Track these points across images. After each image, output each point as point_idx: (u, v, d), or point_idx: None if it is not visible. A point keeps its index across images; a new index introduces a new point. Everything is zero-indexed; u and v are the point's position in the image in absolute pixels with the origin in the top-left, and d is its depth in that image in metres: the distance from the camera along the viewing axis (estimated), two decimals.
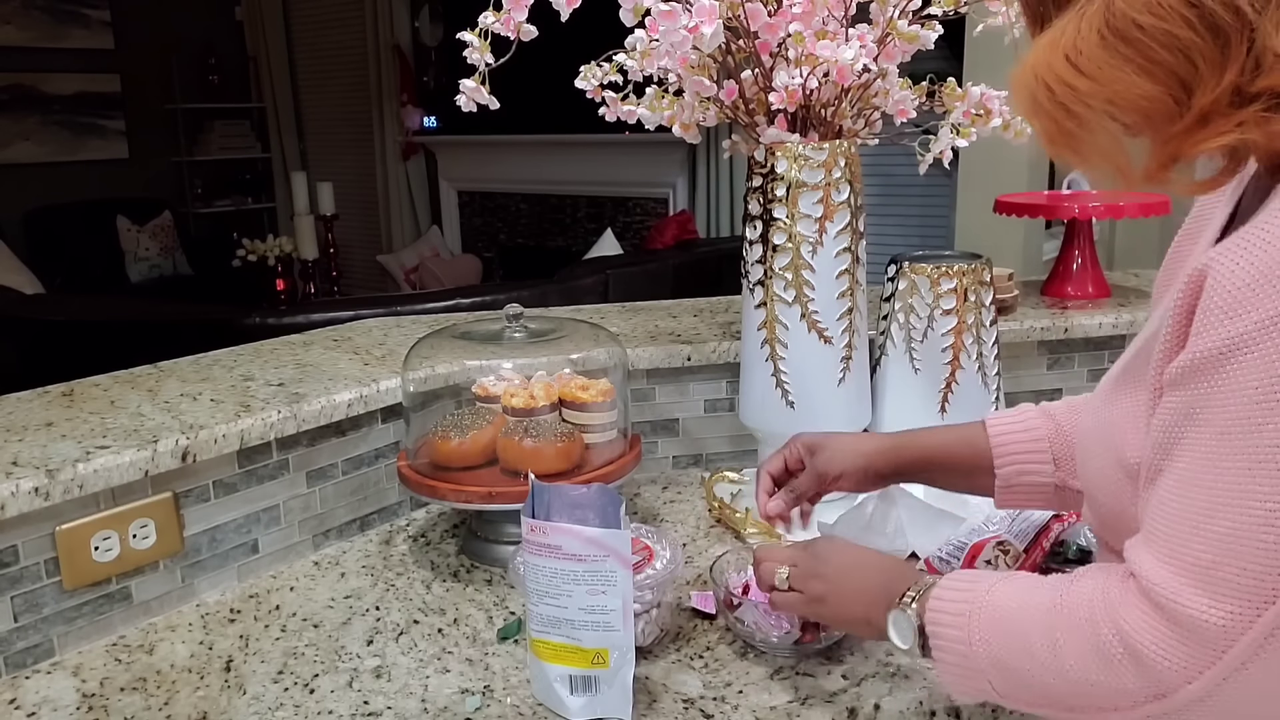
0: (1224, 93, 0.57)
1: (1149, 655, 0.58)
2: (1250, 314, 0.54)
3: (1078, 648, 0.62)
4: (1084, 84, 0.60)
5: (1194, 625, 0.56)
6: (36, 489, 0.95)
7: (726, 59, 1.19)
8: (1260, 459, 0.54)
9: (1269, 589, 0.54)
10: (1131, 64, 0.58)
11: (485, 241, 5.76)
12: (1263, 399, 0.54)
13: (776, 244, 1.19)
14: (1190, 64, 0.57)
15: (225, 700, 0.91)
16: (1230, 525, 0.55)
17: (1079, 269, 1.65)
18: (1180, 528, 0.58)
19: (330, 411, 1.19)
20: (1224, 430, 0.56)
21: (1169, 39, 0.57)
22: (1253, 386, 0.54)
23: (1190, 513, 0.57)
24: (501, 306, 1.22)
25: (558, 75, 1.60)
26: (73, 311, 3.17)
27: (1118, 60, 0.58)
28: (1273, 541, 0.53)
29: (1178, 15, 0.56)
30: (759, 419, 1.27)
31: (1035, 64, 0.62)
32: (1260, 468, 0.54)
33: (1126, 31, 0.58)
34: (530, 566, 0.86)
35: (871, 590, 0.78)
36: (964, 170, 3.32)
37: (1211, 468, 0.56)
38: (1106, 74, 0.59)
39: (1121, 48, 0.58)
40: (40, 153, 5.73)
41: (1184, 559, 0.57)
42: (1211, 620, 0.55)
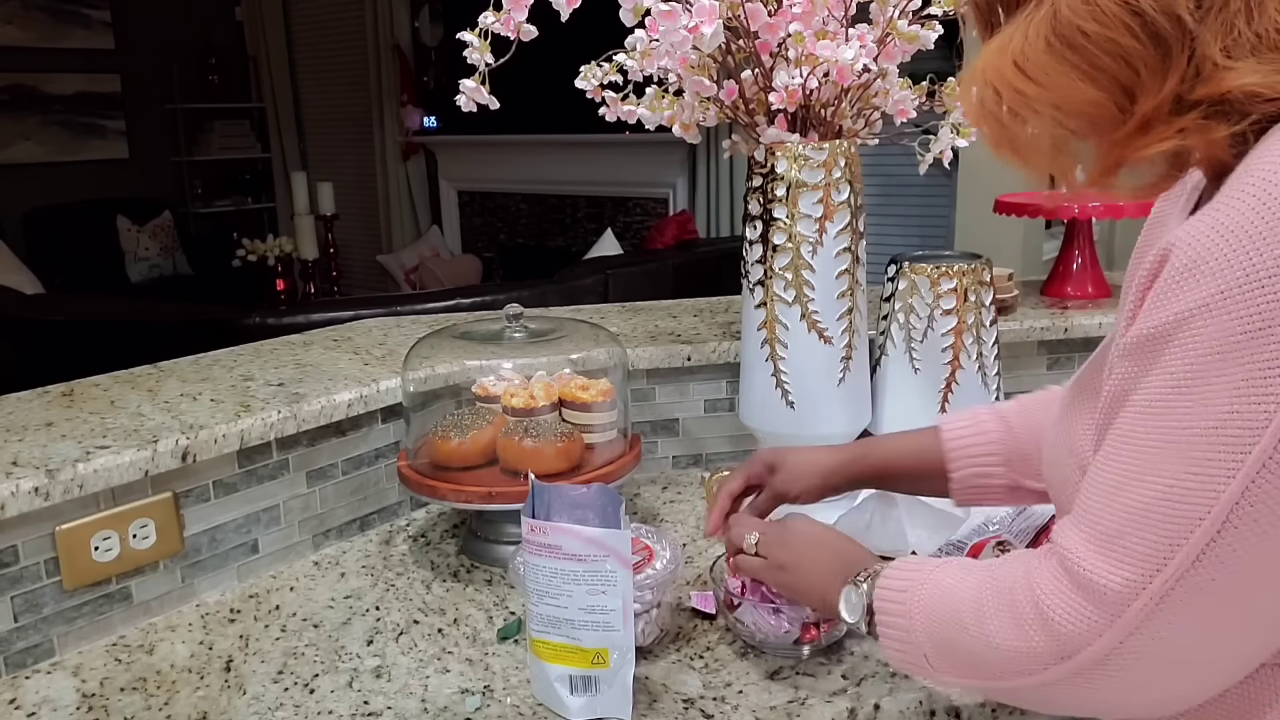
0: (1165, 100, 0.59)
1: (1056, 618, 0.61)
2: (1179, 300, 0.56)
3: (998, 614, 0.65)
4: (1031, 89, 0.61)
5: (1095, 589, 0.59)
6: (36, 489, 0.95)
7: (726, 59, 1.19)
8: (1168, 438, 0.56)
9: (1161, 557, 0.56)
10: (1077, 70, 0.60)
11: (485, 241, 5.76)
12: (1177, 383, 0.56)
13: (776, 244, 1.19)
14: (1133, 71, 0.59)
15: (225, 700, 0.91)
16: (1136, 499, 0.57)
17: (1079, 269, 1.65)
18: (1096, 499, 0.61)
19: (330, 411, 1.19)
20: (1143, 409, 0.58)
21: (1112, 46, 0.58)
22: (1170, 370, 0.56)
23: (1106, 485, 0.60)
24: (501, 306, 1.22)
25: (558, 75, 1.60)
26: (73, 311, 3.17)
27: (1063, 66, 0.60)
28: (1168, 514, 0.56)
29: (1121, 23, 0.58)
30: (759, 419, 1.27)
31: (984, 68, 0.63)
32: (1169, 447, 0.56)
33: (1072, 38, 0.59)
34: (530, 566, 0.86)
35: (830, 566, 0.83)
36: (964, 170, 3.32)
37: (1128, 444, 0.59)
38: (1052, 80, 0.60)
39: (1067, 54, 0.60)
40: (40, 153, 5.74)
41: (1095, 528, 0.60)
42: (1110, 584, 0.58)
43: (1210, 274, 0.54)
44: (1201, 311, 0.54)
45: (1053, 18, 0.60)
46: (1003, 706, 0.89)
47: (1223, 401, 0.54)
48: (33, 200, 5.62)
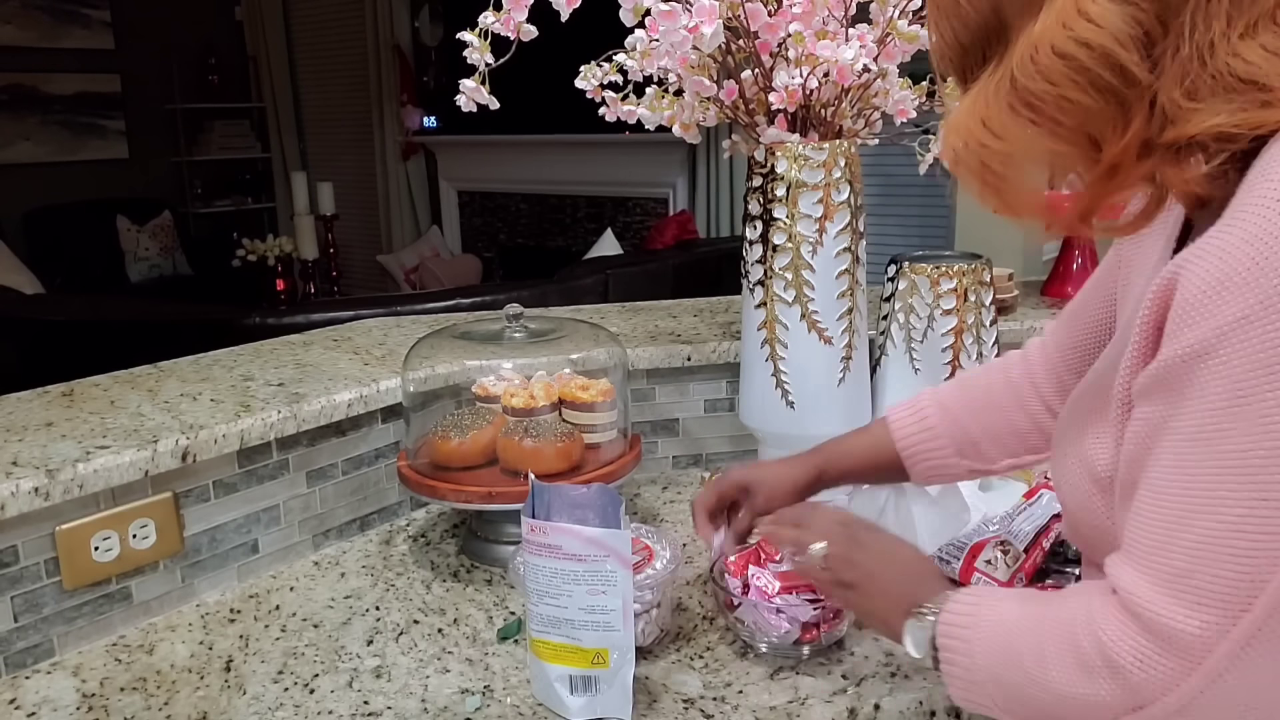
0: (1131, 146, 0.60)
1: (1127, 666, 0.57)
2: (1210, 319, 0.54)
3: (1061, 660, 0.62)
4: (999, 145, 0.63)
5: (1170, 635, 0.55)
6: (36, 489, 0.95)
7: (726, 59, 1.19)
8: (1228, 465, 0.54)
9: (1244, 596, 0.53)
10: (1038, 127, 0.62)
11: (485, 241, 5.75)
12: (1226, 404, 0.53)
13: (776, 244, 1.19)
14: (1092, 123, 0.60)
15: (225, 700, 0.91)
16: (1202, 533, 0.54)
17: (1079, 269, 1.65)
18: (1155, 537, 0.58)
19: (330, 411, 1.19)
20: (1191, 437, 0.56)
21: (1065, 103, 0.60)
22: (1215, 392, 0.54)
23: (1163, 522, 0.57)
24: (501, 306, 1.22)
25: (558, 75, 1.60)
26: (73, 311, 3.17)
27: (1024, 124, 0.62)
28: (1244, 548, 0.53)
29: (1068, 80, 0.59)
30: (759, 419, 1.27)
31: (955, 126, 0.66)
32: (1229, 473, 0.54)
33: (1027, 98, 0.61)
34: (530, 566, 0.86)
35: (898, 591, 0.78)
36: None
37: (1181, 475, 0.56)
38: (1017, 136, 0.62)
39: (1025, 113, 0.61)
40: (40, 153, 5.73)
41: (1159, 568, 0.57)
42: (1188, 629, 0.55)
43: (1243, 286, 0.52)
44: (1241, 325, 0.52)
45: (1010, 79, 0.61)
46: None
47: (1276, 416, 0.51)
48: (33, 200, 5.62)
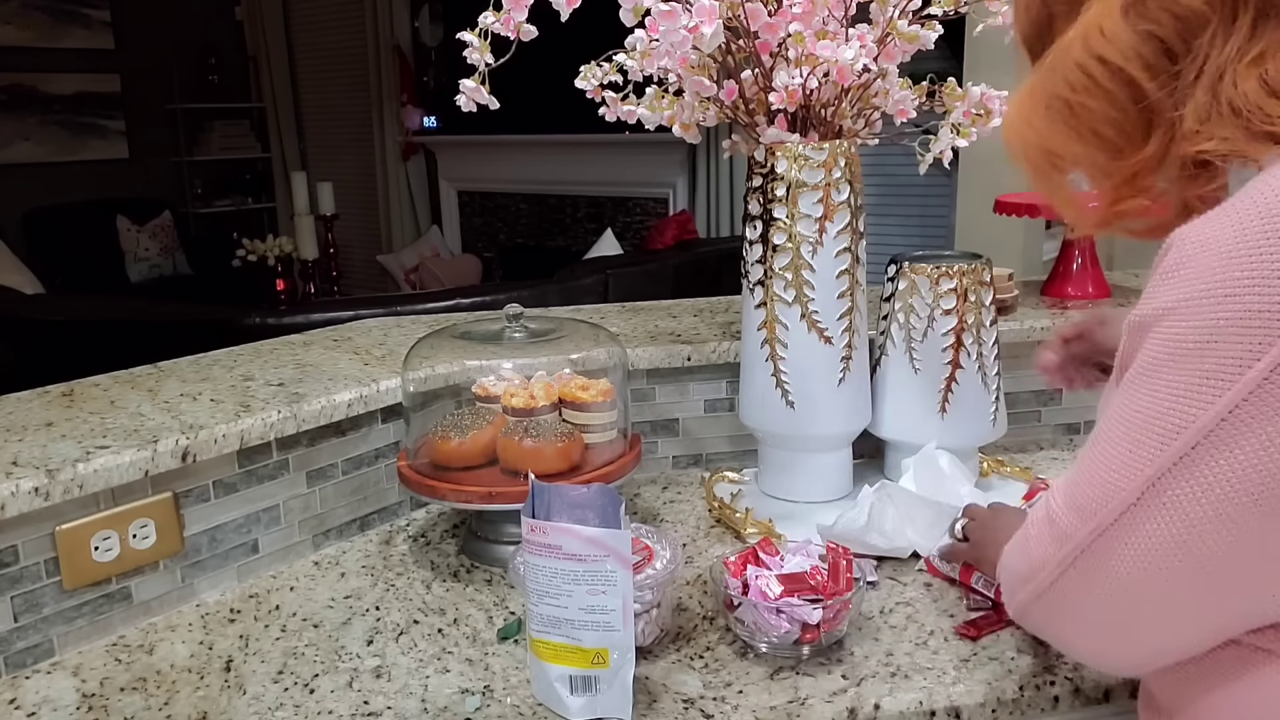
0: (1151, 157, 0.66)
1: (1030, 545, 0.70)
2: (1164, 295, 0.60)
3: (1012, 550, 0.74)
4: (1035, 138, 0.70)
5: (1054, 524, 0.67)
6: (36, 489, 0.95)
7: (726, 59, 1.19)
8: (1125, 415, 0.62)
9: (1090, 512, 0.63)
10: (1067, 129, 0.68)
11: (485, 241, 5.75)
12: (1143, 370, 0.61)
13: (776, 244, 1.19)
14: (1114, 131, 0.66)
15: (225, 700, 0.91)
16: (1094, 458, 0.64)
17: (1079, 269, 1.65)
18: (1080, 454, 0.68)
19: (330, 411, 1.19)
20: (1126, 383, 0.63)
21: (1084, 110, 0.66)
22: (1144, 358, 0.61)
23: (1088, 443, 0.67)
24: (501, 306, 1.22)
25: (558, 75, 1.60)
26: (73, 311, 3.17)
27: (1056, 125, 0.68)
28: (1103, 479, 0.63)
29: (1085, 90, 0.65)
30: (759, 419, 1.27)
31: (1006, 118, 0.74)
32: (1123, 422, 0.62)
33: (1056, 102, 0.68)
34: (530, 566, 0.86)
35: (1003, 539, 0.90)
36: (964, 170, 3.32)
37: (1105, 411, 0.66)
38: (1047, 134, 0.69)
39: (1056, 115, 0.68)
40: (40, 153, 5.74)
41: (1069, 472, 0.68)
42: (1060, 522, 0.66)
43: (1184, 280, 0.59)
44: (1170, 313, 0.59)
45: (1046, 81, 0.68)
46: (1002, 705, 0.89)
47: (1164, 398, 0.59)
48: (33, 200, 5.62)
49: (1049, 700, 0.90)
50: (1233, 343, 0.55)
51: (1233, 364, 0.55)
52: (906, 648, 0.96)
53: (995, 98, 1.22)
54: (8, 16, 5.51)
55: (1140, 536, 0.61)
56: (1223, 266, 0.56)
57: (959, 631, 0.99)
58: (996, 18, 1.19)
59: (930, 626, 1.00)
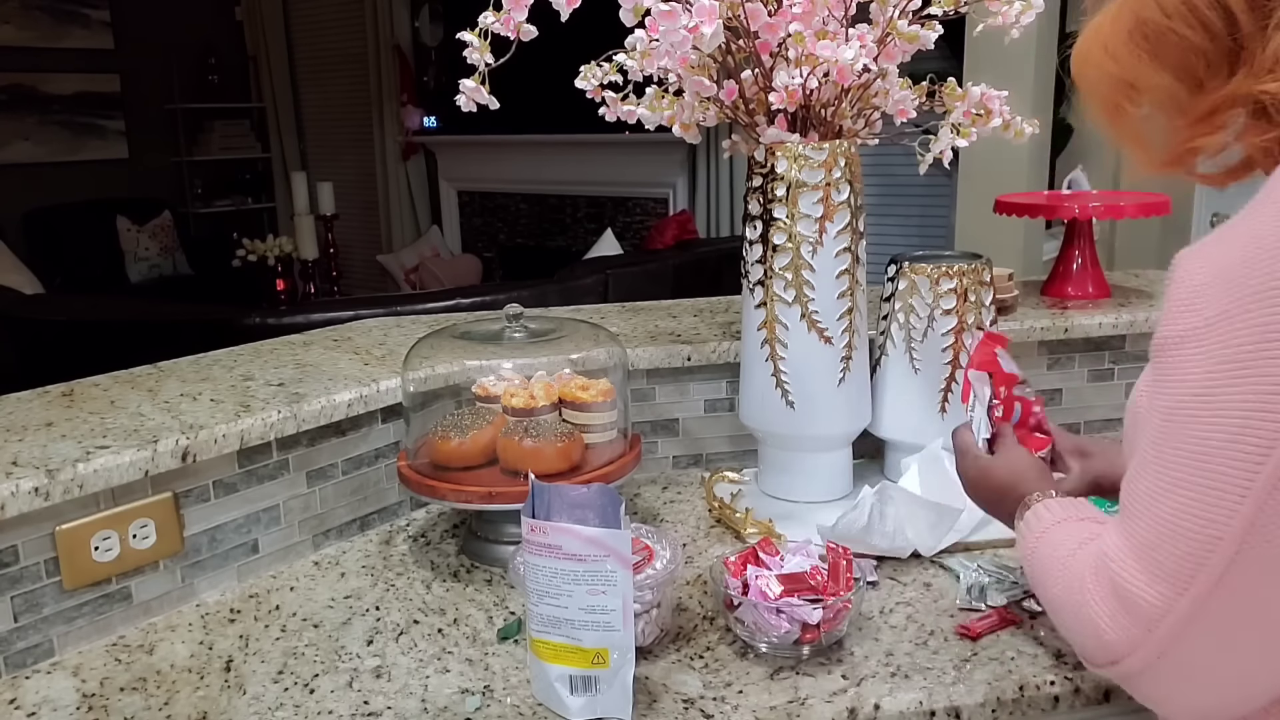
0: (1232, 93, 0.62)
1: (1102, 626, 0.62)
2: (1202, 310, 0.57)
3: (1066, 608, 0.68)
4: (1114, 69, 0.68)
5: (1133, 601, 0.59)
6: (36, 489, 0.95)
7: (726, 59, 1.19)
8: (1194, 451, 0.56)
9: (1188, 574, 0.56)
10: (1149, 56, 0.65)
11: (485, 241, 5.75)
12: (1201, 390, 0.56)
13: (776, 244, 1.19)
14: (1197, 61, 0.63)
15: (225, 700, 0.91)
16: (1167, 510, 0.58)
17: (1079, 269, 1.65)
18: (1136, 504, 0.61)
19: (330, 411, 1.19)
20: (1168, 417, 0.59)
21: (1173, 37, 0.64)
22: (1194, 378, 0.56)
23: (1143, 492, 0.60)
24: (501, 306, 1.22)
25: (558, 75, 1.59)
26: (73, 311, 3.17)
27: (1138, 52, 0.66)
28: (1195, 531, 0.56)
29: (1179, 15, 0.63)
30: (759, 419, 1.27)
31: (1080, 47, 0.70)
32: (1193, 460, 0.56)
33: (1144, 27, 0.65)
34: (530, 566, 0.86)
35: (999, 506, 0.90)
36: (964, 170, 3.32)
37: (1157, 452, 0.59)
38: (1129, 63, 0.67)
39: (1140, 41, 0.65)
40: (40, 153, 5.73)
41: (1135, 536, 0.60)
42: (1147, 598, 0.58)
43: (1227, 286, 0.55)
44: (1220, 321, 0.55)
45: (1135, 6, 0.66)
46: (1002, 705, 0.89)
47: (1234, 417, 0.54)
48: (33, 200, 5.62)
49: (1049, 700, 0.90)
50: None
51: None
52: (906, 648, 0.96)
53: (995, 98, 1.22)
54: (8, 16, 5.51)
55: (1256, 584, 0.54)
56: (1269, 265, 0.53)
57: (959, 631, 0.99)
58: (996, 18, 1.19)
59: (930, 626, 1.00)
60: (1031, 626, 0.99)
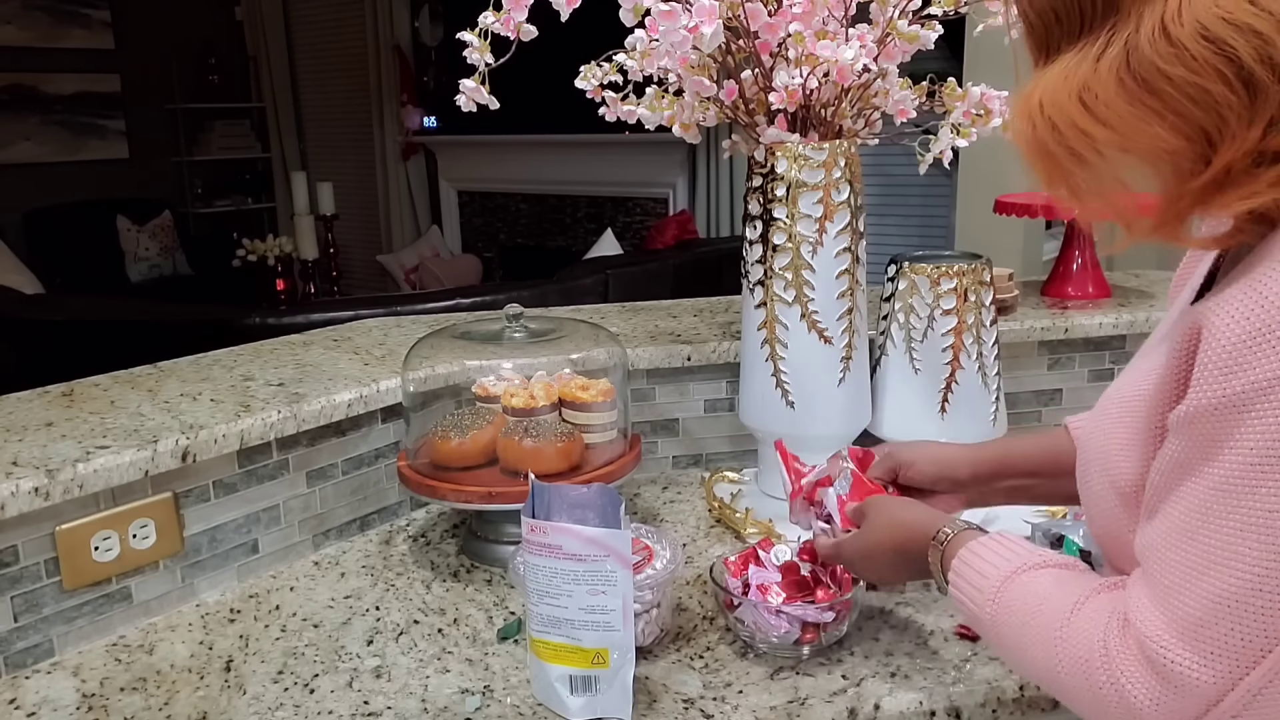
0: (1249, 150, 0.54)
1: (1138, 704, 0.58)
2: (1249, 372, 0.53)
3: (1075, 684, 0.62)
4: (1099, 131, 0.57)
5: (1184, 682, 0.56)
6: (36, 489, 0.95)
7: (726, 59, 1.19)
8: (1253, 521, 0.53)
9: (1256, 651, 0.54)
10: (1153, 115, 0.55)
11: (485, 241, 5.76)
12: (1260, 460, 0.53)
13: (776, 244, 1.19)
14: (1219, 119, 0.54)
15: (225, 700, 0.91)
16: (1222, 585, 0.54)
17: (1079, 269, 1.65)
18: (1175, 579, 0.57)
19: (330, 411, 1.19)
20: (1220, 487, 0.55)
21: (1199, 93, 0.54)
22: (1249, 447, 0.53)
23: (1185, 565, 0.57)
24: (501, 306, 1.22)
25: (558, 75, 1.60)
26: (73, 311, 3.17)
27: (1139, 110, 0.55)
28: (1261, 606, 0.53)
29: (1212, 70, 0.53)
30: (759, 419, 1.27)
31: (1044, 102, 0.59)
32: (1252, 530, 0.53)
33: (1151, 81, 0.55)
34: (530, 566, 0.86)
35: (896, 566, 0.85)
36: (964, 170, 3.32)
37: (1206, 523, 0.56)
38: (1124, 123, 0.56)
39: (1144, 98, 0.55)
40: (40, 153, 5.73)
41: (1177, 612, 0.57)
42: (1200, 679, 0.55)
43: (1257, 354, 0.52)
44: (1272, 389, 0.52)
45: (1128, 56, 0.55)
46: (1002, 705, 0.89)
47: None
48: (33, 200, 5.62)
49: (1049, 700, 0.90)
50: None
51: None
52: (906, 648, 0.96)
53: (995, 98, 1.22)
54: (8, 16, 5.51)
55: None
56: None
57: (959, 631, 0.99)
58: (996, 18, 1.19)
59: (930, 626, 1.00)
60: None
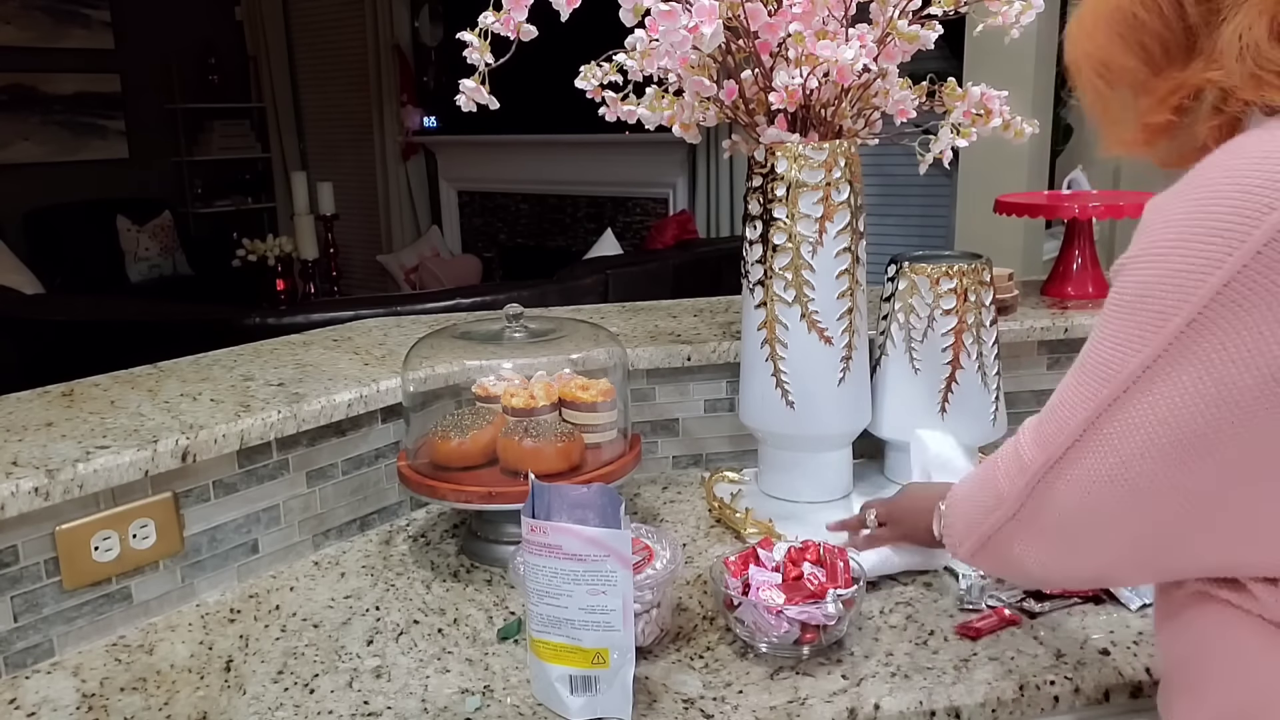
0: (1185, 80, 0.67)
1: (999, 477, 0.73)
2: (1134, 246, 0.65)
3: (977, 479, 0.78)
4: (1090, 48, 0.73)
5: (1019, 457, 0.71)
6: (36, 489, 0.95)
7: (726, 59, 1.19)
8: (1083, 359, 0.67)
9: (1052, 444, 0.68)
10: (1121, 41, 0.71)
11: (485, 241, 5.75)
12: (1103, 315, 0.66)
13: (776, 244, 1.19)
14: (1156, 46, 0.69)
15: (225, 700, 0.91)
16: (1058, 398, 0.69)
17: (1079, 269, 1.65)
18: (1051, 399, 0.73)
19: (330, 411, 1.19)
20: (1091, 333, 0.68)
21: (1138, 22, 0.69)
22: (1106, 304, 0.66)
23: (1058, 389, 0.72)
24: (501, 306, 1.22)
25: (558, 75, 1.60)
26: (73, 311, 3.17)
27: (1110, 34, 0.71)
28: (1063, 417, 0.67)
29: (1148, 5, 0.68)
30: (759, 419, 1.27)
31: (1070, 29, 0.76)
32: (1080, 365, 0.67)
33: (1116, 13, 0.71)
34: (530, 566, 0.86)
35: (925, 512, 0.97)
36: (964, 170, 3.32)
37: (1077, 355, 0.70)
38: (1104, 46, 0.72)
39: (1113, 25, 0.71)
40: (40, 153, 5.73)
41: (1040, 413, 0.71)
42: (1024, 454, 0.70)
43: (1138, 240, 0.64)
44: (1123, 268, 0.65)
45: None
46: (1002, 705, 0.89)
47: (1107, 344, 0.64)
48: (33, 200, 5.62)
49: (1049, 700, 0.90)
50: (1158, 298, 0.61)
51: (1157, 317, 0.61)
52: (906, 648, 0.96)
53: (995, 98, 1.22)
54: (8, 16, 5.51)
55: (1081, 469, 0.66)
56: (1162, 230, 0.62)
57: (959, 631, 0.99)
58: (996, 18, 1.19)
59: (930, 626, 1.00)
60: (1031, 626, 0.99)
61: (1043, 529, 0.71)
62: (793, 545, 1.01)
